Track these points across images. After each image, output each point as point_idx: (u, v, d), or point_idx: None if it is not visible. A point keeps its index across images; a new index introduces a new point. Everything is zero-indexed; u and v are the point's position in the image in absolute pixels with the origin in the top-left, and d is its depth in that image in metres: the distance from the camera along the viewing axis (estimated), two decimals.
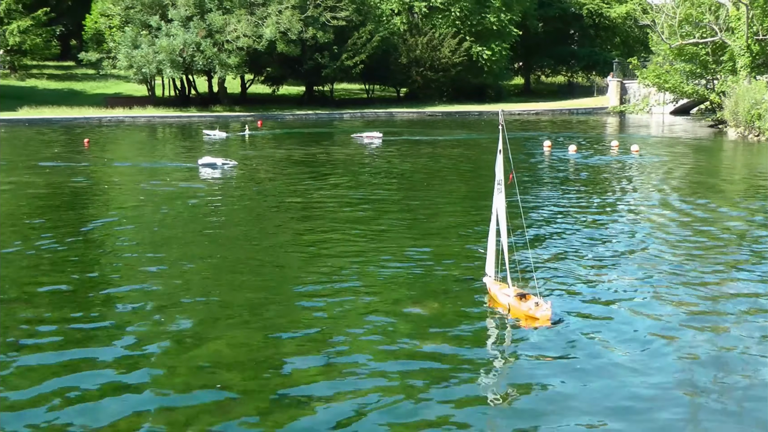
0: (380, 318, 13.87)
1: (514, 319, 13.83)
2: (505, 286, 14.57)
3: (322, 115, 67.75)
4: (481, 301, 14.89)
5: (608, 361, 12.14)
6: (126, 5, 67.20)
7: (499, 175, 14.32)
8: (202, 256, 18.11)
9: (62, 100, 67.32)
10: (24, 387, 11.13)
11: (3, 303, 14.64)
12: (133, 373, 11.50)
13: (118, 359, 12.00)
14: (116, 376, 11.42)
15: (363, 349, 12.47)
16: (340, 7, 68.21)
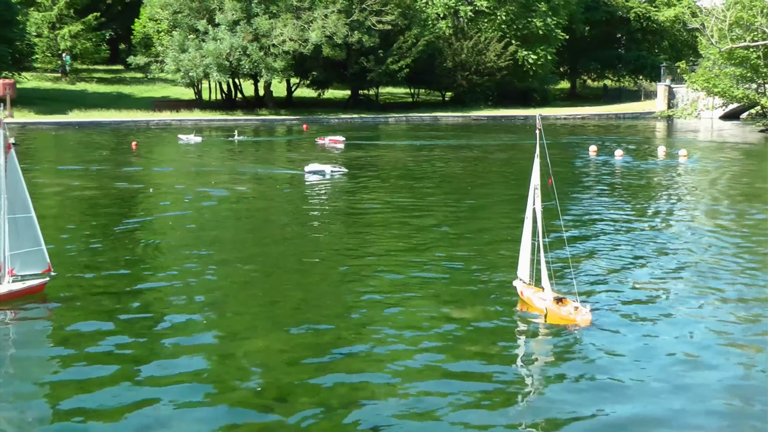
0: (423, 322, 13.92)
1: (552, 323, 13.78)
2: (540, 290, 14.49)
3: (367, 119, 67.82)
4: (512, 304, 14.84)
5: (647, 365, 12.05)
6: (174, 10, 67.87)
7: (536, 180, 14.26)
8: (247, 258, 18.35)
9: (111, 104, 68.29)
10: (74, 382, 11.42)
11: (54, 301, 15.01)
12: (176, 371, 11.74)
13: (162, 358, 12.30)
14: (159, 371, 11.72)
15: (402, 352, 12.49)
16: (386, 11, 68.21)
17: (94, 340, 13.06)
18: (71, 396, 11.05)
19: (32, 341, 13.53)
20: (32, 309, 14.78)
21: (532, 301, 14.52)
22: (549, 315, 13.91)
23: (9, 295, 14.86)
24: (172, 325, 13.79)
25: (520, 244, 15.05)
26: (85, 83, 78.23)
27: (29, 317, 14.55)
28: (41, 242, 15.01)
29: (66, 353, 12.61)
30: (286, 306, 14.73)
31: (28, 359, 12.63)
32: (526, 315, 14.33)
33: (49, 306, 15.00)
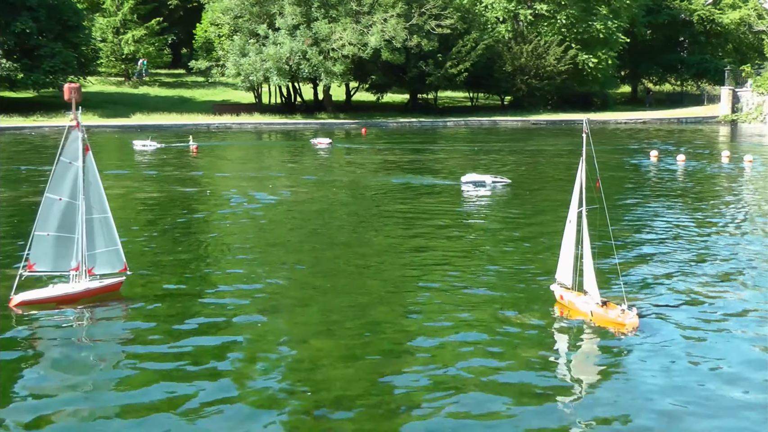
0: (477, 326, 14.02)
1: (599, 326, 13.84)
2: (581, 294, 14.45)
3: (426, 123, 67.74)
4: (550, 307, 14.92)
5: (695, 370, 12.16)
6: (235, 14, 68.61)
7: (581, 183, 14.25)
8: (304, 262, 18.53)
9: (172, 107, 69.26)
10: (133, 385, 11.60)
11: (129, 300, 15.36)
12: (234, 373, 11.92)
13: (222, 360, 12.45)
14: (217, 373, 11.91)
15: (453, 357, 12.58)
16: (445, 15, 68.10)
17: (162, 339, 13.39)
18: (136, 390, 11.41)
19: (106, 338, 13.87)
20: (108, 307, 15.13)
21: (575, 305, 14.45)
22: (595, 318, 13.92)
23: (87, 293, 15.24)
24: (233, 326, 13.99)
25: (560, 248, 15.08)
26: (148, 87, 79.54)
27: (105, 315, 14.89)
28: (118, 242, 15.30)
29: (136, 350, 12.97)
30: (345, 309, 14.85)
31: (101, 355, 12.96)
32: (568, 319, 14.38)
33: (124, 304, 15.32)
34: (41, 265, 15.03)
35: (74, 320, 14.64)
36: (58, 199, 14.82)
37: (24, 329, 14.04)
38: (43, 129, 58.16)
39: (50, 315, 14.64)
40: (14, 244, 20.07)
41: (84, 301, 15.16)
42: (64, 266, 15.15)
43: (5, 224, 23.44)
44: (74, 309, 14.94)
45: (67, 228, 14.92)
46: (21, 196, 28.15)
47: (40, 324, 14.29)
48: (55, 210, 14.82)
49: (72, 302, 15.11)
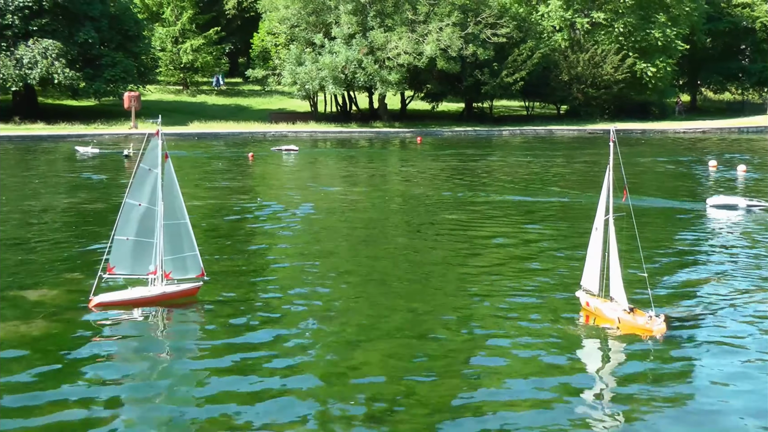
0: (528, 335, 14.08)
1: (626, 333, 13.90)
2: (606, 301, 14.49)
3: (481, 132, 67.53)
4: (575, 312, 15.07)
5: (722, 376, 12.18)
6: (292, 24, 69.22)
7: (608, 191, 14.35)
8: (358, 270, 18.73)
9: (229, 115, 70.06)
10: (193, 389, 11.84)
11: (192, 306, 15.62)
12: (290, 378, 12.10)
13: (275, 364, 12.67)
14: (274, 380, 12.06)
15: (507, 365, 12.66)
16: (501, 23, 67.93)
17: (228, 343, 13.62)
18: (199, 389, 11.76)
19: (179, 341, 14.22)
20: (184, 311, 15.44)
21: (601, 311, 14.48)
22: (622, 325, 13.97)
23: (163, 296, 15.49)
24: (291, 333, 14.13)
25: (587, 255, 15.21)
26: (205, 96, 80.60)
27: (180, 319, 15.22)
28: (195, 248, 15.50)
29: (203, 355, 13.25)
30: (396, 317, 15.01)
31: (173, 357, 13.31)
32: (593, 325, 14.54)
33: (200, 309, 15.55)
34: (121, 268, 15.33)
35: (150, 322, 14.97)
36: (138, 204, 15.09)
37: (101, 330, 14.37)
38: (103, 136, 59.17)
39: (127, 317, 14.98)
40: (91, 247, 20.68)
41: (161, 304, 15.45)
42: (142, 270, 15.43)
43: (80, 229, 23.90)
44: (151, 312, 15.27)
45: (146, 233, 15.17)
46: (81, 203, 28.67)
47: (116, 325, 14.63)
48: (135, 215, 15.08)
49: (149, 305, 15.42)
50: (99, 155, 45.83)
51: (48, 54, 61.02)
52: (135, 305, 15.34)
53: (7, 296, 16.17)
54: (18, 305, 15.55)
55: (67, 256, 20.08)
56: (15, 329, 14.13)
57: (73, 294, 16.29)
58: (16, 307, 15.46)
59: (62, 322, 14.59)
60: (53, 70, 60.99)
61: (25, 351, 13.17)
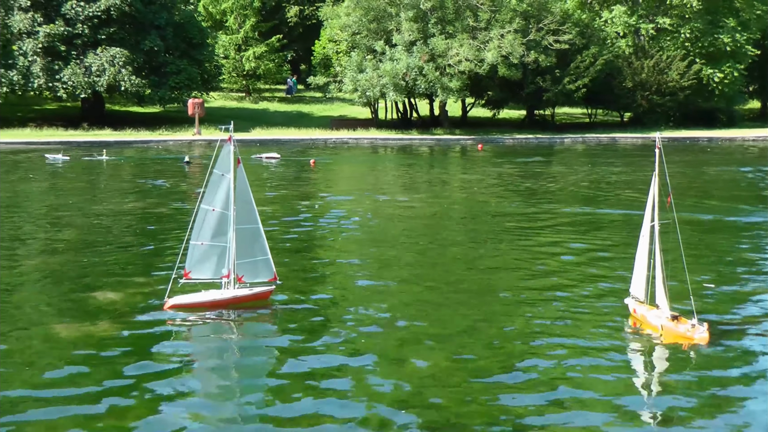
0: (577, 341, 14.13)
1: (668, 341, 13.93)
2: (653, 308, 14.49)
3: (543, 140, 66.97)
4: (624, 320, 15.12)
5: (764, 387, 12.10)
6: (353, 31, 69.53)
7: (654, 198, 14.30)
8: (420, 276, 18.85)
9: (291, 122, 70.60)
10: (261, 389, 12.14)
11: (263, 310, 15.82)
12: (352, 382, 12.29)
13: (333, 368, 12.84)
14: (337, 382, 12.27)
15: (563, 376, 12.62)
16: (563, 30, 67.35)
17: (296, 348, 13.79)
18: (266, 389, 12.07)
19: (249, 344, 14.45)
20: (255, 314, 15.63)
21: (646, 318, 14.55)
22: (665, 333, 13.99)
23: (236, 300, 15.71)
24: (357, 337, 14.32)
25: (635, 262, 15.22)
26: (267, 102, 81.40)
27: (251, 322, 15.40)
28: (268, 252, 15.65)
29: (272, 358, 13.55)
30: (458, 323, 15.09)
31: (246, 359, 13.58)
32: (639, 332, 14.58)
33: (270, 313, 15.72)
34: (196, 272, 15.60)
35: (221, 325, 15.19)
36: (212, 209, 15.28)
37: (175, 331, 14.70)
38: (167, 143, 60.13)
39: (199, 319, 15.25)
40: (155, 251, 21.24)
41: (233, 307, 15.67)
42: (216, 274, 15.70)
43: (144, 233, 24.29)
44: (223, 314, 15.49)
45: (219, 237, 15.39)
46: (145, 207, 29.13)
47: (188, 327, 14.93)
48: (209, 220, 15.30)
49: (221, 308, 15.64)
50: (68, 162, 45.52)
51: (115, 62, 62.27)
52: (208, 308, 15.59)
53: (76, 298, 16.57)
54: (87, 307, 15.91)
55: (133, 259, 20.49)
56: (85, 330, 14.47)
57: (141, 296, 16.61)
58: (85, 308, 15.82)
59: (133, 323, 14.89)
60: (120, 78, 62.22)
61: (95, 351, 13.48)
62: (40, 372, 12.55)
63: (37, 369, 12.66)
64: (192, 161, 46.32)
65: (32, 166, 44.64)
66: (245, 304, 15.80)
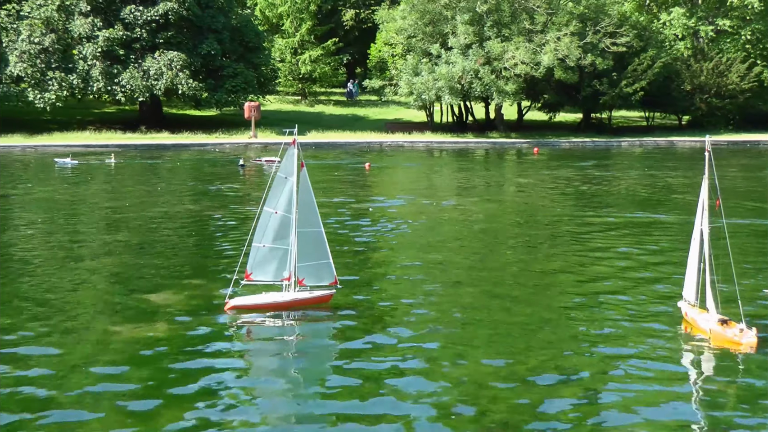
0: (630, 345, 14.13)
1: (717, 345, 13.83)
2: (704, 312, 14.41)
3: (599, 143, 66.23)
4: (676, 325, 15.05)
5: None
6: (409, 34, 69.53)
7: (704, 202, 14.27)
8: (475, 280, 18.84)
9: (346, 125, 70.78)
10: (318, 390, 12.23)
11: (323, 313, 15.89)
12: (408, 385, 12.30)
13: (396, 370, 12.94)
14: (384, 385, 12.32)
15: (615, 381, 12.62)
16: (621, 32, 66.55)
17: (353, 352, 13.85)
18: (323, 391, 12.18)
19: (311, 346, 14.56)
20: (314, 317, 15.70)
21: (696, 322, 14.49)
22: (713, 337, 13.88)
23: (296, 302, 15.81)
24: (414, 341, 14.32)
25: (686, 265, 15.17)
26: (323, 105, 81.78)
27: (310, 325, 15.49)
28: (329, 256, 15.70)
29: (332, 358, 13.71)
30: (513, 329, 15.08)
31: (303, 361, 13.72)
32: (690, 336, 14.49)
33: (330, 316, 15.74)
34: (257, 274, 15.74)
35: (281, 327, 15.32)
36: (274, 212, 15.38)
37: (234, 333, 14.87)
38: (224, 146, 60.73)
39: (260, 321, 15.41)
40: (211, 253, 21.58)
41: (293, 310, 15.80)
42: (277, 276, 15.80)
43: (200, 235, 24.53)
44: (283, 317, 15.64)
45: (281, 240, 15.47)
46: (201, 210, 29.40)
47: (249, 329, 15.11)
48: (271, 223, 15.39)
49: (281, 310, 15.76)
50: (77, 166, 45.57)
51: (173, 65, 63.10)
52: (268, 310, 15.72)
53: (133, 299, 16.81)
54: (144, 308, 16.14)
55: (188, 261, 20.74)
56: (142, 331, 14.68)
57: (198, 298, 16.84)
58: (142, 309, 16.05)
59: (190, 324, 15.09)
60: (177, 81, 63.02)
61: (151, 351, 13.69)
62: (96, 372, 12.75)
63: (93, 369, 12.88)
64: (247, 164, 46.64)
65: (90, 168, 45.44)
66: (305, 307, 15.85)
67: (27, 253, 21.62)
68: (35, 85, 62.17)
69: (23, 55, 61.93)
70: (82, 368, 12.89)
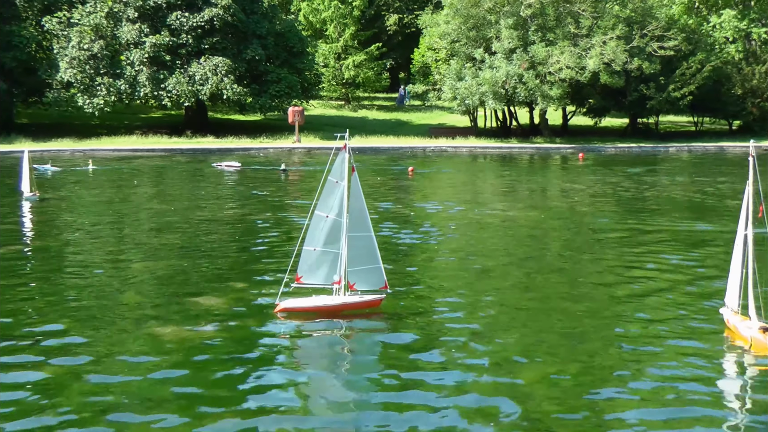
0: (673, 353, 13.98)
1: (758, 353, 13.64)
2: (746, 319, 14.19)
3: (646, 149, 65.35)
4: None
5: None
6: (452, 39, 69.27)
7: (747, 207, 14.08)
8: (519, 287, 18.73)
9: (389, 130, 70.66)
10: (363, 395, 12.19)
11: (373, 317, 15.79)
12: (453, 392, 12.26)
13: (442, 378, 12.85)
14: (439, 390, 12.31)
15: (661, 391, 12.43)
16: (669, 36, 65.65)
17: (407, 359, 13.72)
18: (369, 396, 12.15)
19: (358, 350, 14.53)
20: (364, 321, 15.65)
21: (737, 329, 14.28)
22: (754, 344, 13.69)
23: (345, 306, 15.78)
24: (459, 348, 14.28)
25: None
26: (366, 110, 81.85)
27: (360, 329, 15.41)
28: (379, 260, 15.61)
29: (378, 363, 13.69)
30: (558, 337, 14.92)
31: (351, 365, 13.74)
32: (732, 344, 14.33)
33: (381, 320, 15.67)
34: (308, 278, 15.72)
35: (331, 332, 15.21)
36: (325, 216, 15.31)
37: (282, 335, 14.91)
38: (268, 150, 60.96)
39: (309, 324, 15.37)
40: (254, 257, 21.64)
41: (343, 314, 15.75)
42: (327, 280, 15.76)
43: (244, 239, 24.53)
44: (332, 321, 15.57)
45: (331, 244, 15.40)
46: (245, 215, 29.42)
47: (298, 332, 15.10)
48: (322, 227, 15.33)
49: (331, 314, 15.71)
50: (57, 173, 44.37)
51: (218, 71, 63.51)
52: (318, 313, 15.65)
53: (180, 302, 16.89)
54: (190, 310, 16.21)
55: (234, 264, 20.77)
56: (189, 333, 14.74)
57: (244, 301, 16.91)
58: (188, 311, 16.11)
59: (238, 327, 15.14)
60: (222, 86, 63.40)
61: (198, 354, 13.73)
62: (143, 373, 12.81)
63: (140, 370, 12.93)
64: (288, 170, 46.70)
65: (134, 173, 45.86)
66: (355, 311, 15.78)
67: (77, 256, 21.84)
68: (84, 91, 63.02)
69: (73, 62, 62.81)
70: (128, 369, 12.94)
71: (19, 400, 11.74)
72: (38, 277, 19.28)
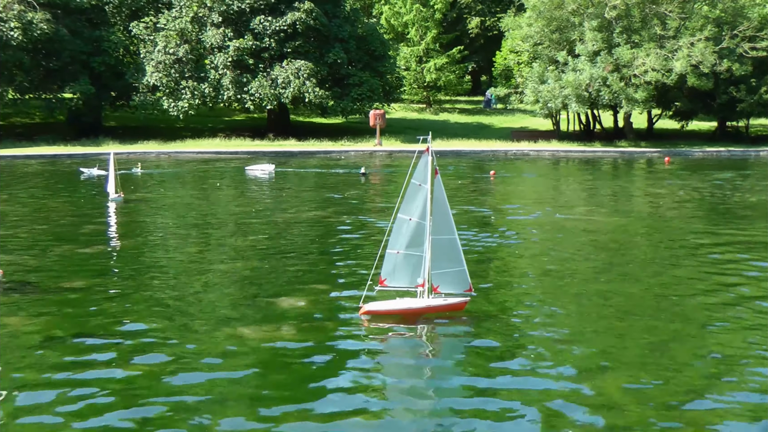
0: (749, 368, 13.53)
1: None
2: None
3: (735, 153, 63.48)
4: None
5: None
6: (535, 41, 68.61)
7: None
8: (600, 294, 18.28)
9: (471, 133, 70.35)
10: (446, 399, 12.11)
11: (458, 320, 15.65)
12: (532, 398, 12.11)
13: (521, 383, 12.75)
14: (515, 398, 12.14)
15: None
16: (761, 36, 63.66)
17: (490, 364, 13.56)
18: (449, 400, 12.11)
19: (442, 353, 14.39)
20: (448, 324, 15.47)
21: None
22: None
23: (429, 309, 15.68)
24: (541, 354, 14.06)
25: None
26: (448, 114, 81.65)
27: (444, 332, 15.26)
28: (463, 263, 15.45)
29: (461, 366, 13.56)
30: (639, 346, 14.53)
31: (434, 368, 13.56)
32: None
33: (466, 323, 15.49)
34: (391, 280, 15.64)
35: (415, 335, 15.11)
36: (409, 219, 15.21)
37: (366, 337, 14.87)
38: (349, 153, 61.24)
39: (393, 327, 15.29)
40: (335, 259, 21.74)
41: (427, 316, 15.64)
42: (411, 282, 15.69)
43: (324, 241, 24.60)
44: (416, 323, 15.47)
45: (415, 247, 15.30)
46: (325, 217, 29.48)
47: (382, 335, 15.04)
48: (405, 229, 15.25)
49: (415, 317, 15.62)
50: (104, 176, 42.22)
51: (300, 74, 64.15)
52: (401, 316, 15.60)
53: (262, 303, 16.99)
54: (273, 311, 16.29)
55: (315, 267, 20.82)
56: (271, 334, 14.80)
57: (326, 303, 16.96)
58: (271, 313, 16.19)
59: (320, 328, 15.18)
60: (304, 90, 64.02)
61: (281, 355, 13.78)
62: (225, 373, 12.91)
63: (222, 370, 13.02)
64: (369, 173, 46.75)
65: (219, 175, 46.53)
66: (439, 314, 15.66)
67: (160, 256, 22.24)
68: (170, 94, 64.45)
69: (159, 66, 64.29)
70: (209, 369, 13.05)
71: (103, 398, 11.93)
72: (123, 276, 19.65)
